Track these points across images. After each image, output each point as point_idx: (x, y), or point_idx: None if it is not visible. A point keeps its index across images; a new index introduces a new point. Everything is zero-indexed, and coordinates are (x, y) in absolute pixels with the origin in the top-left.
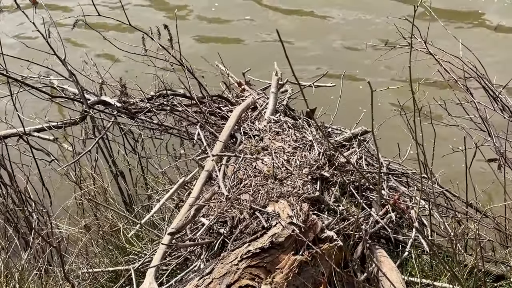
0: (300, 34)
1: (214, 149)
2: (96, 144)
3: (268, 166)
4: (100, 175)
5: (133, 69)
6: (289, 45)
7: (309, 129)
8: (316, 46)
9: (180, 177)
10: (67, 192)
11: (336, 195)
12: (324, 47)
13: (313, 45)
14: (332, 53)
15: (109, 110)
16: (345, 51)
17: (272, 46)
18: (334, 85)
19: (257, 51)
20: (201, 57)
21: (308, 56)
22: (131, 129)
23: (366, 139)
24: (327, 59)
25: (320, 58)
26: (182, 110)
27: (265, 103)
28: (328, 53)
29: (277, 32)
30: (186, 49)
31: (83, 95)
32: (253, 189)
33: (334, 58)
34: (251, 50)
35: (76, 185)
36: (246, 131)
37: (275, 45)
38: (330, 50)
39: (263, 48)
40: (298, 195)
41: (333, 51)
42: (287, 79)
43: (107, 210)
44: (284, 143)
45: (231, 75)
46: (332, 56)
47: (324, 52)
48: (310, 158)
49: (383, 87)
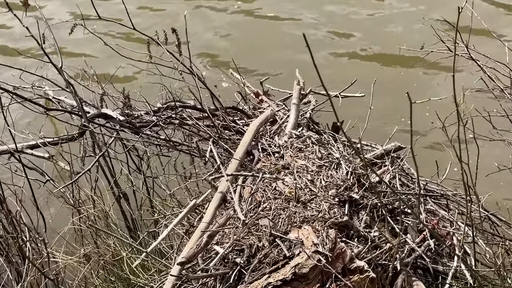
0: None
1: (228, 168)
2: (96, 162)
3: (290, 187)
4: (101, 198)
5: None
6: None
7: (335, 145)
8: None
9: (190, 200)
10: (64, 216)
11: (366, 220)
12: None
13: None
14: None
15: (110, 124)
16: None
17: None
18: (364, 95)
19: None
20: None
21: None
22: (135, 145)
23: (400, 156)
24: (352, 66)
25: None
26: (193, 124)
27: (286, 115)
28: (352, 58)
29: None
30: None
31: (82, 107)
32: (273, 213)
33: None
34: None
35: (74, 209)
36: (264, 147)
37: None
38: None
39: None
40: (324, 219)
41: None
42: (310, 88)
43: (108, 237)
44: (307, 161)
45: (247, 84)
46: (358, 62)
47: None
48: (337, 178)
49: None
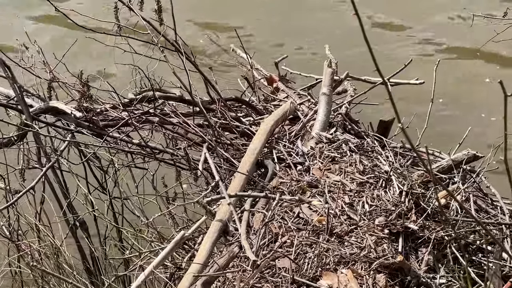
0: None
1: (231, 185)
2: (43, 177)
3: (320, 213)
4: (50, 227)
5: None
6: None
7: (383, 153)
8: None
9: (176, 231)
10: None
11: (429, 261)
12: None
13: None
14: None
15: (63, 122)
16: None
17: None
18: (423, 82)
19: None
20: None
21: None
22: (97, 153)
23: (474, 169)
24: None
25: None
26: (179, 122)
27: (313, 111)
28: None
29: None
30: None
31: (22, 98)
32: (296, 251)
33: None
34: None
35: (10, 243)
36: (282, 156)
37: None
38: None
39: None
40: (369, 260)
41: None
42: (347, 72)
43: (61, 284)
44: (344, 175)
45: (256, 66)
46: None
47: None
48: (386, 200)
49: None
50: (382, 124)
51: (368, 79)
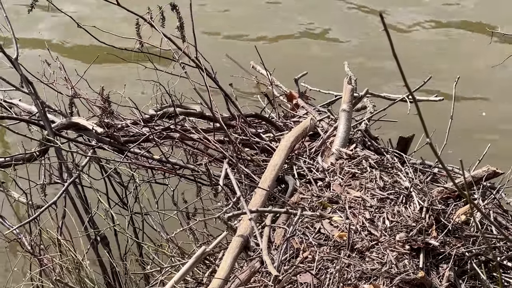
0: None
1: (251, 201)
2: (65, 192)
3: (340, 229)
4: (71, 242)
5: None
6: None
7: (403, 169)
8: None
9: (197, 246)
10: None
11: (450, 277)
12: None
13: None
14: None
15: (84, 138)
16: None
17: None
18: (442, 99)
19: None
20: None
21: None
22: (118, 168)
23: (494, 186)
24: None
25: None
26: (199, 138)
27: (333, 127)
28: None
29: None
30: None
31: (45, 114)
32: (317, 266)
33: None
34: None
35: (33, 257)
36: (302, 172)
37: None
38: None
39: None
40: (390, 276)
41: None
42: (367, 89)
43: None
44: (364, 192)
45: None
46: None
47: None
48: (407, 216)
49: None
50: (402, 141)
51: (387, 96)
